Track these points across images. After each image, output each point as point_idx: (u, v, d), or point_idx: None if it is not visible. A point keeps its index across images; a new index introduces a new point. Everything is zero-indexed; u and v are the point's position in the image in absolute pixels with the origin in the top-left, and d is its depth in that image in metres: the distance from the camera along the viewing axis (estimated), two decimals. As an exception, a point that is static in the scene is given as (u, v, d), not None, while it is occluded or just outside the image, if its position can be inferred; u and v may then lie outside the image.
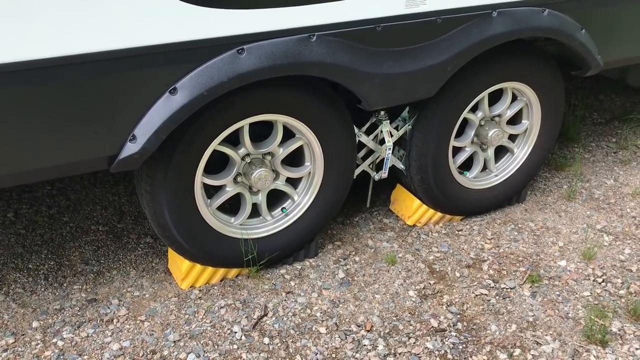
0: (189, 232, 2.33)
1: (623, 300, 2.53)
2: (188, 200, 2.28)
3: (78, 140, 1.93)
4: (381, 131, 2.65)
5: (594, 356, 2.27)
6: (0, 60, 1.70)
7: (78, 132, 1.91)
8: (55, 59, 1.76)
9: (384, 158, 2.71)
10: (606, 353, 2.28)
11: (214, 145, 2.24)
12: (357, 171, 2.69)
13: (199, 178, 2.28)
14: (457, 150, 2.87)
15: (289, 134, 2.43)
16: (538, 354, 2.26)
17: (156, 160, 2.14)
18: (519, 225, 2.96)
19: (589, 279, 2.63)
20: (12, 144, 1.84)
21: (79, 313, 2.34)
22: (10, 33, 1.69)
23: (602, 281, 2.63)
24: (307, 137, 2.43)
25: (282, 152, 2.44)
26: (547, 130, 2.99)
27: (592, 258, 2.74)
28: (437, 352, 2.25)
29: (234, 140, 2.33)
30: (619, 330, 2.38)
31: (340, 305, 2.45)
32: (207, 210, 2.37)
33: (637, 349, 2.30)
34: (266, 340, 2.27)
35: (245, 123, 2.27)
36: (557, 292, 2.56)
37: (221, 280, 2.53)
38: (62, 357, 2.15)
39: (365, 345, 2.27)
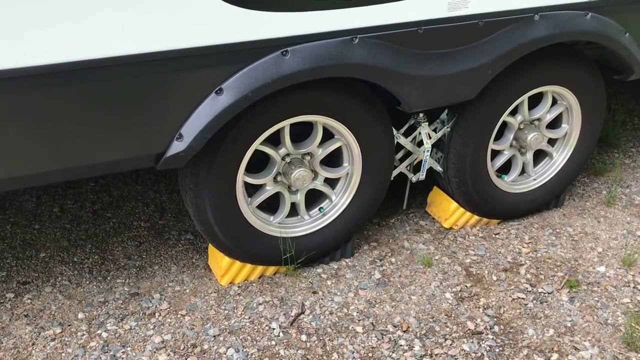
0: (229, 229, 2.38)
1: (664, 308, 2.49)
2: (230, 198, 2.33)
3: (128, 138, 1.99)
4: (420, 133, 2.66)
5: (634, 363, 2.24)
6: (56, 60, 1.77)
7: (128, 130, 1.97)
8: (108, 59, 1.83)
9: (421, 160, 2.73)
10: (647, 361, 2.25)
11: (256, 144, 2.28)
12: (395, 173, 2.71)
13: (241, 177, 2.32)
14: (495, 154, 2.87)
15: (328, 135, 2.47)
16: (576, 359, 2.25)
17: (200, 159, 2.19)
18: (557, 230, 2.93)
19: (629, 286, 2.60)
20: (64, 141, 1.91)
21: (122, 306, 2.41)
22: (66, 33, 1.76)
23: (643, 288, 2.59)
24: (346, 138, 2.46)
25: (321, 153, 2.47)
26: (587, 134, 2.96)
27: (632, 264, 2.71)
28: (473, 355, 2.25)
29: (274, 140, 2.38)
30: (660, 338, 2.35)
31: (377, 305, 2.47)
32: (248, 208, 2.42)
33: (678, 357, 2.27)
34: (304, 337, 2.30)
35: (286, 123, 2.31)
36: (596, 298, 2.53)
37: (259, 278, 2.58)
38: (106, 347, 2.22)
39: (401, 345, 2.28)
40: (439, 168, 2.80)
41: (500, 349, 2.28)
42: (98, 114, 1.91)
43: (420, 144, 2.70)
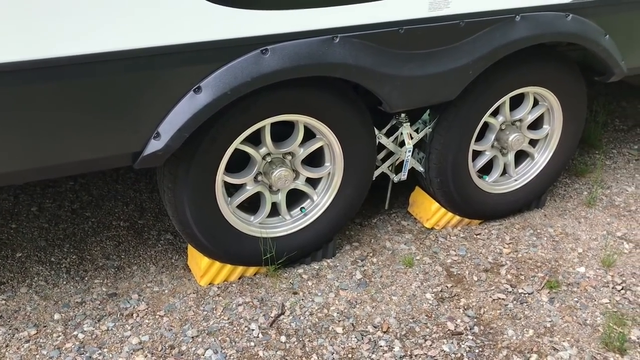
0: (209, 229, 2.36)
1: (642, 308, 2.51)
2: (209, 198, 2.31)
3: (103, 137, 1.96)
4: (401, 133, 2.66)
5: (612, 364, 2.25)
6: (31, 56, 1.74)
7: (104, 129, 1.94)
8: (84, 57, 1.80)
9: (403, 160, 2.72)
10: (624, 361, 2.26)
11: (236, 144, 2.26)
12: (377, 173, 2.70)
13: (220, 176, 2.30)
14: (477, 154, 2.87)
15: (309, 135, 2.45)
16: (555, 359, 2.25)
17: (179, 158, 2.17)
18: (538, 231, 2.94)
19: (608, 286, 2.62)
20: (39, 139, 1.87)
21: (99, 307, 2.38)
22: (42, 29, 1.72)
23: (622, 289, 2.61)
24: (327, 137, 2.45)
25: (303, 152, 2.45)
26: (568, 135, 2.98)
27: (611, 265, 2.72)
28: (453, 355, 2.25)
29: (255, 140, 2.36)
30: (638, 339, 2.36)
31: (357, 305, 2.46)
32: (228, 209, 2.40)
33: (656, 357, 2.28)
34: (283, 338, 2.29)
35: (266, 123, 2.29)
36: (576, 299, 2.54)
37: (239, 278, 2.56)
38: (82, 349, 2.19)
39: (381, 346, 2.27)
40: (420, 168, 2.79)
41: (480, 349, 2.28)
42: (73, 112, 1.88)
43: (402, 144, 2.69)
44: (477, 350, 2.27)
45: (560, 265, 2.73)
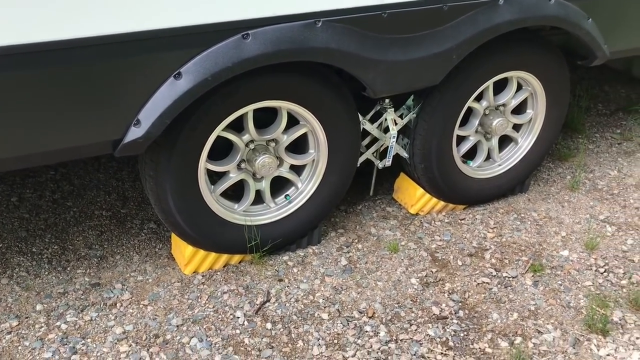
0: (192, 217, 2.34)
1: (625, 290, 2.53)
2: (191, 186, 2.28)
3: (82, 124, 1.93)
4: (385, 119, 2.65)
5: (595, 345, 2.27)
6: (5, 42, 1.70)
7: (82, 116, 1.91)
8: (60, 42, 1.76)
9: (388, 146, 2.71)
10: (607, 342, 2.28)
11: (218, 131, 2.24)
12: (361, 159, 2.69)
13: (203, 164, 2.28)
14: (461, 139, 2.87)
15: (293, 121, 2.43)
16: (539, 342, 2.27)
17: (160, 145, 2.14)
18: (522, 215, 2.96)
19: (591, 269, 2.64)
20: (17, 127, 1.84)
21: (82, 297, 2.36)
22: (15, 14, 1.68)
23: (604, 271, 2.63)
24: (311, 124, 2.43)
25: (286, 139, 2.43)
26: (551, 120, 2.98)
27: (594, 248, 2.75)
28: (438, 339, 2.26)
29: (238, 127, 2.33)
30: (620, 320, 2.38)
31: (343, 292, 2.46)
32: (211, 196, 2.37)
33: (637, 338, 2.30)
34: (269, 325, 2.28)
35: (249, 109, 2.26)
36: (559, 282, 2.56)
37: (224, 266, 2.54)
38: (65, 339, 2.17)
39: (367, 331, 2.28)
40: (405, 154, 2.79)
41: (465, 333, 2.29)
42: (51, 100, 1.85)
43: (386, 130, 2.68)
44: (462, 334, 2.29)
45: (544, 249, 2.74)
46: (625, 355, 2.24)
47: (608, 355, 2.24)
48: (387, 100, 2.61)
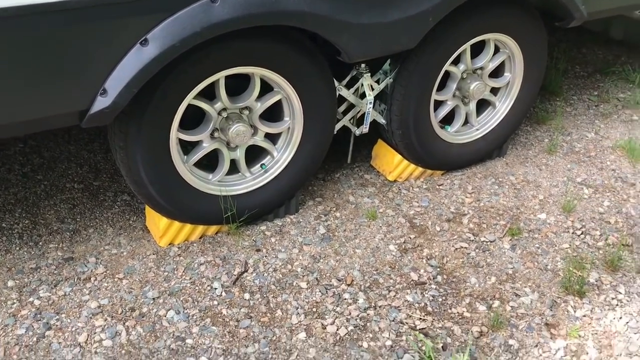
0: (165, 189, 2.29)
1: (601, 251, 2.55)
2: (163, 156, 2.23)
3: (47, 95, 1.85)
4: (362, 85, 2.60)
5: (572, 306, 2.29)
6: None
7: (46, 86, 1.83)
8: (21, 8, 1.68)
9: (364, 113, 2.67)
10: (583, 303, 2.31)
11: (189, 99, 2.17)
12: (338, 126, 2.65)
13: (174, 133, 2.22)
14: (438, 104, 2.83)
15: (267, 88, 2.37)
16: (517, 305, 2.29)
17: (129, 115, 2.08)
18: (500, 179, 2.95)
19: (568, 232, 2.65)
20: (-23, 98, 1.76)
21: (55, 272, 2.31)
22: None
23: (581, 233, 2.64)
24: (285, 90, 2.37)
25: (260, 107, 2.38)
26: (529, 83, 2.96)
27: (571, 211, 2.76)
28: (417, 305, 2.26)
29: (210, 94, 2.27)
30: (596, 281, 2.40)
31: (321, 260, 2.44)
32: (184, 167, 2.32)
33: (613, 298, 2.33)
34: (247, 295, 2.26)
35: (220, 76, 2.20)
36: (537, 245, 2.57)
37: (200, 238, 2.50)
38: (39, 315, 2.13)
39: (345, 299, 2.27)
40: (382, 120, 2.75)
41: (443, 298, 2.30)
42: (12, 69, 1.77)
43: (362, 96, 2.63)
44: (440, 299, 2.29)
45: (521, 213, 2.75)
46: (600, 316, 2.26)
47: (584, 316, 2.26)
48: (362, 65, 2.55)
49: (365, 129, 2.72)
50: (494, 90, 2.95)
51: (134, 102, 1.98)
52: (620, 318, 2.25)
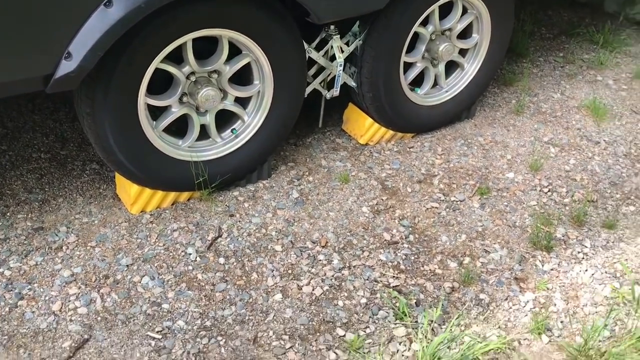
0: (134, 155, 2.26)
1: (567, 208, 2.62)
2: (132, 122, 2.19)
3: (8, 59, 1.80)
4: (331, 47, 2.58)
5: (539, 261, 2.36)
6: None
7: (8, 49, 1.78)
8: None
9: (335, 75, 2.66)
10: (551, 257, 2.38)
11: (156, 63, 2.14)
12: (308, 89, 2.63)
13: (142, 98, 2.18)
14: (408, 67, 2.84)
15: (236, 51, 2.34)
16: (487, 261, 2.34)
17: (95, 80, 2.03)
18: (469, 141, 2.99)
19: (536, 189, 2.71)
20: None
21: (25, 242, 2.27)
22: None
23: (548, 191, 2.71)
24: (254, 53, 2.35)
25: (229, 70, 2.35)
26: (496, 44, 2.98)
27: (538, 169, 2.82)
28: (390, 264, 2.30)
29: (177, 58, 2.23)
30: (563, 236, 2.47)
31: (295, 223, 2.46)
32: (153, 133, 2.29)
33: (579, 252, 2.41)
34: (222, 260, 2.27)
35: (188, 39, 2.16)
36: (505, 203, 2.63)
37: (172, 204, 2.49)
38: (10, 286, 2.10)
39: (320, 260, 2.29)
40: (352, 83, 2.75)
41: (416, 256, 2.34)
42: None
43: (332, 58, 2.62)
44: (412, 257, 2.33)
45: (490, 172, 2.80)
46: (567, 269, 2.33)
47: (552, 269, 2.33)
48: (332, 27, 2.54)
49: (336, 92, 2.72)
50: (463, 52, 2.97)
51: (101, 67, 1.94)
52: (586, 270, 2.33)
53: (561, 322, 2.12)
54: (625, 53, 3.80)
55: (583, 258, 2.38)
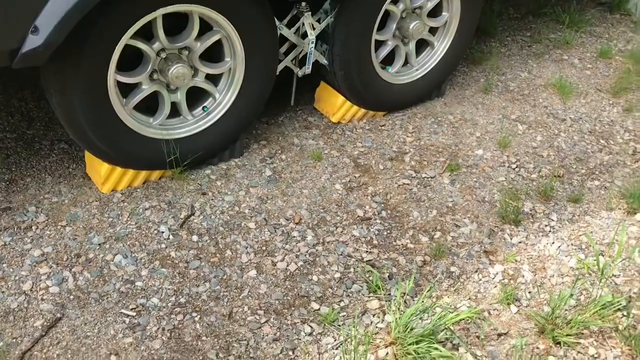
0: (104, 133, 2.23)
1: (535, 183, 2.68)
2: (101, 99, 2.16)
3: (-29, 33, 1.76)
4: (303, 24, 2.58)
5: (508, 234, 2.42)
6: None
7: (-30, 23, 1.73)
8: None
9: (307, 53, 2.66)
10: (519, 231, 2.44)
11: (126, 39, 2.10)
12: (280, 67, 2.63)
13: (112, 75, 2.15)
14: (379, 45, 2.85)
15: (206, 28, 2.32)
16: (457, 235, 2.39)
17: (64, 56, 1.99)
18: (439, 119, 3.03)
19: (504, 166, 2.77)
20: None
21: (-7, 222, 2.24)
22: None
23: (516, 167, 2.77)
24: (225, 30, 2.33)
25: (200, 47, 2.33)
26: (466, 23, 3.01)
27: (507, 146, 2.87)
28: (363, 239, 2.33)
29: (147, 34, 2.20)
30: (531, 210, 2.54)
31: (269, 201, 2.46)
32: (124, 110, 2.26)
33: (546, 225, 2.47)
34: (195, 238, 2.26)
35: (157, 14, 2.13)
36: (475, 179, 2.68)
37: (144, 183, 2.47)
38: (-21, 266, 2.07)
39: (294, 236, 2.31)
40: (324, 61, 2.75)
41: (388, 231, 2.37)
42: None
43: (304, 35, 2.62)
44: (385, 233, 2.36)
45: (460, 150, 2.84)
46: (535, 242, 2.40)
47: (520, 242, 2.39)
48: (303, 4, 2.53)
49: (307, 69, 2.72)
50: (433, 31, 2.99)
51: (69, 42, 1.90)
52: (553, 243, 2.40)
53: (529, 292, 2.18)
54: (590, 33, 3.88)
55: (550, 231, 2.45)
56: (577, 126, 3.07)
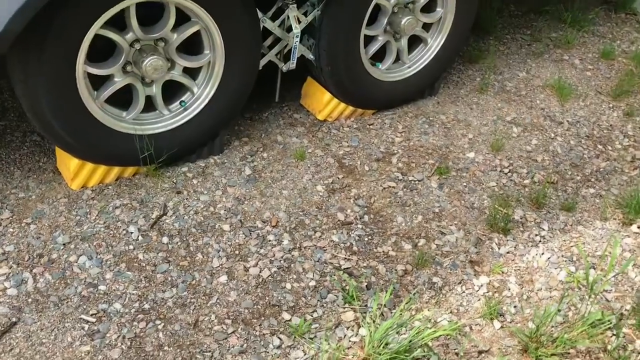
0: (73, 126, 2.12)
1: (527, 189, 2.56)
2: (69, 91, 2.05)
3: None
4: (288, 17, 2.46)
5: (496, 244, 2.31)
6: None
7: None
8: None
9: (291, 47, 2.54)
10: (507, 240, 2.32)
11: (96, 29, 1.99)
12: (263, 61, 2.51)
13: (81, 66, 2.04)
14: (369, 40, 2.73)
15: (184, 18, 2.20)
16: (442, 243, 2.28)
17: (27, 45, 1.88)
18: (431, 118, 2.91)
19: (496, 170, 2.65)
20: None
21: (-46, 218, 2.14)
22: None
23: (509, 171, 2.65)
24: (204, 21, 2.21)
25: (177, 38, 2.21)
26: (461, 19, 2.88)
27: (500, 149, 2.75)
28: (342, 245, 2.21)
29: (120, 24, 2.08)
30: (521, 218, 2.42)
31: (246, 202, 2.35)
32: (94, 104, 2.15)
33: (536, 235, 2.35)
34: (165, 239, 2.16)
35: (130, 3, 2.01)
36: (464, 183, 2.56)
37: (116, 180, 2.36)
38: None
39: (270, 240, 2.20)
40: (310, 56, 2.63)
41: (369, 237, 2.26)
42: None
43: (289, 29, 2.50)
44: (366, 239, 2.25)
45: (450, 152, 2.72)
46: (524, 252, 2.28)
47: (508, 252, 2.28)
48: (288, -4, 2.41)
49: (292, 64, 2.60)
50: (426, 27, 2.86)
51: (32, 30, 1.79)
52: (542, 254, 2.28)
53: (514, 307, 2.07)
54: (593, 32, 3.74)
55: (540, 241, 2.33)
56: (574, 130, 2.94)
